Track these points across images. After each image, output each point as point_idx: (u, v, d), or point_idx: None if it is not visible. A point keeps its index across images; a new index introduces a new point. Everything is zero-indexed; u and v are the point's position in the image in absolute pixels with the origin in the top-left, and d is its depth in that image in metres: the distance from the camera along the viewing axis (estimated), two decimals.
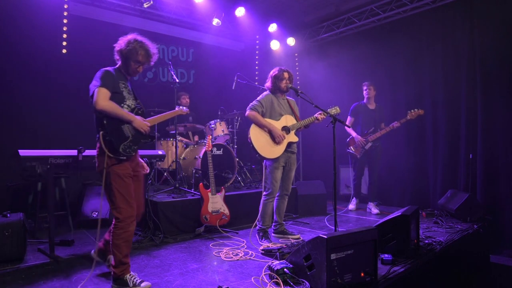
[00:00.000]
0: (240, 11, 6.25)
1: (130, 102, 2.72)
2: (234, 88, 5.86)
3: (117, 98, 2.62)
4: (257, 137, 3.76)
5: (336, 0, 6.43)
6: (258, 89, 5.85)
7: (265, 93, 3.98)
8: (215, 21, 6.18)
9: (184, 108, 3.31)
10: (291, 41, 7.23)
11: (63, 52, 5.22)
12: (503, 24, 4.84)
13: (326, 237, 2.32)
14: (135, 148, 2.69)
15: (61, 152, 3.37)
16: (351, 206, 5.56)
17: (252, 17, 6.53)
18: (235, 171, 5.43)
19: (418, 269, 2.98)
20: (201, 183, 4.34)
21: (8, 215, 3.37)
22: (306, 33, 7.40)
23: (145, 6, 5.61)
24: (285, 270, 2.59)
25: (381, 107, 5.45)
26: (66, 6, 5.19)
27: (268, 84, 3.96)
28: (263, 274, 2.82)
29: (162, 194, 4.59)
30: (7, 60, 4.86)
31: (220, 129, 5.61)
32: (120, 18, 5.95)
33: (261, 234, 3.87)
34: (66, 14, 5.22)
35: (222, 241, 3.93)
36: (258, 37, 7.52)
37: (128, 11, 5.95)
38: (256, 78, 7.43)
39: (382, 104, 5.56)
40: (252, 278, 2.78)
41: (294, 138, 3.90)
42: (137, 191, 2.80)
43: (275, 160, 3.79)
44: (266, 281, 2.70)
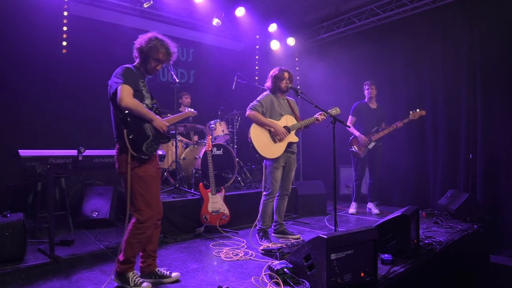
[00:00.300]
0: (240, 11, 6.25)
1: (148, 101, 2.69)
2: (234, 88, 5.86)
3: (137, 97, 2.57)
4: (257, 137, 3.76)
5: (336, 0, 6.43)
6: (258, 89, 5.85)
7: (265, 93, 3.98)
8: (215, 21, 6.18)
9: (192, 110, 3.32)
10: (291, 41, 7.23)
11: (63, 52, 5.22)
12: (503, 24, 4.84)
13: (326, 237, 2.32)
14: (156, 147, 2.66)
15: (61, 152, 3.37)
16: (352, 210, 5.36)
17: (252, 17, 6.53)
18: (235, 171, 5.43)
19: (418, 269, 2.98)
20: (201, 183, 4.34)
21: (8, 215, 3.37)
22: (306, 33, 7.40)
23: (145, 6, 5.61)
24: (285, 270, 2.58)
25: (382, 107, 5.42)
26: (66, 6, 5.20)
27: (268, 84, 3.96)
28: (263, 274, 2.82)
29: (162, 194, 4.59)
30: (7, 60, 4.86)
31: (220, 129, 5.61)
32: (120, 18, 5.96)
33: (261, 234, 3.87)
34: (66, 14, 5.22)
35: (222, 241, 3.93)
36: (258, 37, 7.52)
37: (128, 11, 5.96)
38: (256, 78, 7.43)
39: (382, 104, 5.55)
40: (252, 278, 2.78)
41: (294, 138, 3.90)
42: (156, 193, 2.76)
43: (275, 160, 3.79)
44: (266, 281, 2.70)
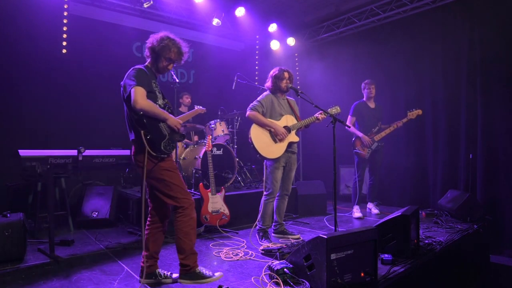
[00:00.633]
0: (240, 11, 6.25)
1: (160, 102, 2.70)
2: (234, 88, 5.86)
3: (150, 98, 2.59)
4: (257, 137, 3.76)
5: (336, 0, 6.43)
6: (258, 89, 5.85)
7: (265, 93, 3.97)
8: (215, 21, 6.18)
9: (201, 107, 3.33)
10: (291, 41, 7.23)
11: (63, 52, 5.22)
12: (503, 24, 4.84)
13: (326, 237, 2.32)
14: (174, 145, 2.69)
15: (61, 152, 3.37)
16: (358, 214, 5.02)
17: (252, 17, 6.53)
18: (235, 171, 5.43)
19: (418, 269, 2.98)
20: (201, 183, 4.34)
21: (8, 215, 3.37)
22: (306, 33, 7.40)
23: (145, 6, 5.61)
24: (285, 270, 2.58)
25: (380, 106, 5.34)
26: (66, 6, 5.20)
27: (268, 84, 3.96)
28: (263, 274, 2.81)
29: None
30: (7, 60, 4.86)
31: (220, 129, 5.61)
32: (120, 18, 5.96)
33: (261, 234, 3.87)
34: (66, 14, 5.22)
35: (222, 241, 3.93)
36: (258, 37, 7.52)
37: (128, 11, 5.96)
38: (256, 78, 7.43)
39: (382, 104, 5.54)
40: (252, 278, 2.78)
41: (295, 138, 3.90)
42: (182, 179, 2.79)
43: (276, 160, 3.79)
44: (266, 281, 2.70)
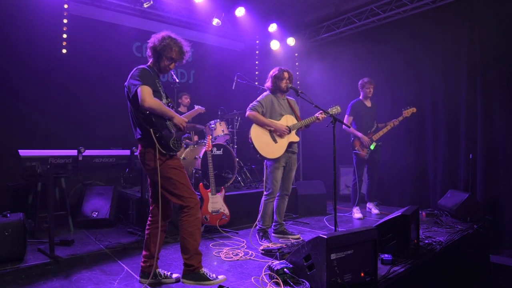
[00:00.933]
0: (240, 11, 6.24)
1: (164, 101, 2.72)
2: (234, 88, 5.86)
3: (155, 97, 2.60)
4: (258, 137, 3.76)
5: (336, 0, 6.43)
6: (258, 89, 5.85)
7: (265, 93, 3.97)
8: (215, 21, 6.18)
9: (201, 107, 3.34)
10: (291, 41, 7.23)
11: (63, 52, 5.22)
12: (503, 24, 4.84)
13: (326, 237, 2.32)
14: (181, 143, 2.72)
15: (61, 152, 3.37)
16: (358, 215, 4.99)
17: (252, 17, 6.53)
18: (235, 171, 5.43)
19: (418, 269, 2.98)
20: (201, 183, 4.34)
21: (8, 215, 3.37)
22: (306, 33, 7.40)
23: (145, 6, 5.61)
24: (285, 270, 2.58)
25: (376, 105, 5.26)
26: (66, 6, 5.19)
27: (268, 84, 3.96)
28: (263, 274, 2.81)
29: None
30: (7, 60, 4.86)
31: (220, 129, 5.61)
32: (120, 18, 5.96)
33: (261, 234, 3.87)
34: (66, 14, 5.21)
35: (222, 241, 3.93)
36: (258, 37, 7.52)
37: (128, 11, 5.95)
38: (256, 78, 7.43)
39: (382, 104, 5.53)
40: (252, 278, 2.78)
41: (295, 138, 3.90)
42: (188, 179, 2.81)
43: (276, 160, 3.79)
44: (266, 281, 2.70)
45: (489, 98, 4.99)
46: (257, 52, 7.69)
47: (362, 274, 2.50)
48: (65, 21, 5.22)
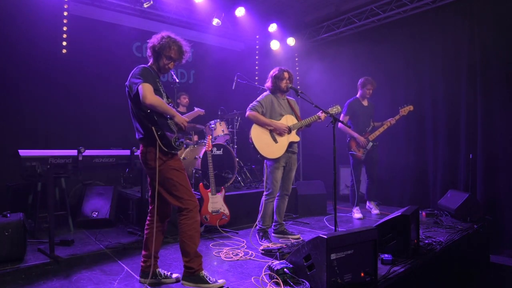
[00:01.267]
0: (240, 11, 6.24)
1: (165, 100, 2.71)
2: (234, 88, 5.86)
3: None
4: (258, 137, 3.76)
5: (336, 0, 6.43)
6: (258, 89, 5.85)
7: (265, 93, 3.97)
8: (215, 21, 6.18)
9: (200, 109, 3.35)
10: (291, 41, 7.23)
11: (63, 52, 5.22)
12: (503, 24, 4.84)
13: (326, 237, 2.32)
14: (183, 142, 2.71)
15: (61, 152, 3.37)
16: (358, 215, 4.98)
17: (252, 17, 6.53)
18: (235, 171, 5.43)
19: (418, 269, 2.98)
20: (201, 183, 4.34)
21: (8, 215, 3.37)
22: (306, 33, 7.40)
23: (145, 6, 5.61)
24: (285, 270, 2.59)
25: (372, 104, 5.23)
26: (66, 6, 5.19)
27: (268, 84, 3.96)
28: (263, 274, 2.82)
29: None
30: (7, 60, 4.86)
31: (220, 129, 5.61)
32: (120, 18, 5.96)
33: (261, 234, 3.87)
34: (66, 14, 5.22)
35: (222, 241, 3.93)
36: (258, 37, 7.52)
37: (128, 11, 5.95)
38: (256, 78, 7.43)
39: (382, 104, 5.52)
40: (252, 278, 2.78)
41: (296, 138, 3.90)
42: (188, 181, 2.80)
43: (276, 160, 3.79)
44: (266, 281, 2.70)
45: (489, 98, 4.98)
46: (257, 52, 7.69)
47: (362, 274, 2.51)
48: (65, 21, 5.22)
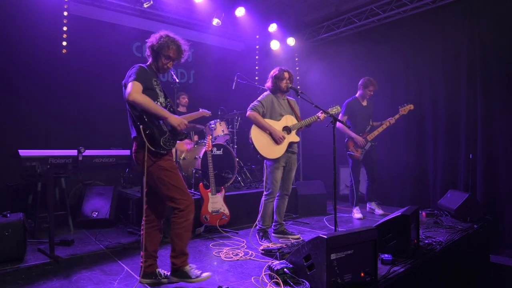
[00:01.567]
0: (240, 11, 6.25)
1: (162, 100, 2.71)
2: (234, 88, 5.86)
3: (150, 95, 2.59)
4: (258, 137, 3.76)
5: (336, 0, 6.43)
6: (258, 89, 5.85)
7: (265, 93, 3.97)
8: (215, 21, 6.18)
9: (206, 111, 3.36)
10: (291, 41, 7.23)
11: (63, 52, 5.22)
12: (503, 24, 4.84)
13: (326, 237, 2.32)
14: (174, 143, 2.69)
15: (61, 152, 3.37)
16: (358, 215, 4.98)
17: (252, 17, 6.53)
18: (235, 171, 5.43)
19: (418, 269, 2.98)
20: (201, 183, 4.34)
21: (8, 215, 3.37)
22: (306, 33, 7.40)
23: (145, 6, 5.61)
24: (285, 270, 2.58)
25: (372, 104, 5.20)
26: (66, 6, 5.20)
27: (268, 84, 3.96)
28: (263, 274, 2.81)
29: None
30: (7, 60, 4.86)
31: (220, 129, 5.61)
32: (120, 18, 5.96)
33: (261, 234, 3.87)
34: (66, 14, 5.22)
35: (222, 241, 3.93)
36: (258, 37, 7.52)
37: (128, 11, 5.96)
38: (256, 78, 7.43)
39: (381, 104, 5.51)
40: (252, 278, 2.78)
41: (295, 138, 3.90)
42: (181, 180, 2.78)
43: (276, 160, 3.79)
44: (266, 281, 2.70)
45: (489, 98, 4.98)
46: (257, 52, 7.69)
47: (362, 274, 2.50)
48: (65, 21, 5.22)
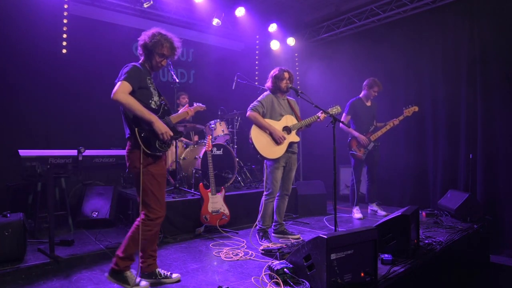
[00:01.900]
0: (240, 11, 6.24)
1: (156, 98, 2.69)
2: (234, 88, 5.86)
3: (145, 94, 2.57)
4: (258, 137, 3.76)
5: (336, 0, 6.43)
6: (258, 89, 5.85)
7: (265, 93, 3.97)
8: (215, 21, 6.18)
9: (200, 104, 3.34)
10: (291, 41, 7.23)
11: (63, 52, 5.22)
12: (503, 24, 4.84)
13: (326, 237, 2.32)
14: (170, 144, 2.68)
15: (61, 152, 3.37)
16: (358, 215, 4.98)
17: (252, 17, 6.53)
18: (235, 171, 5.43)
19: (418, 269, 2.98)
20: (201, 183, 4.34)
21: (8, 215, 3.37)
22: (306, 33, 7.40)
23: (145, 6, 5.61)
24: (285, 270, 2.58)
25: (375, 104, 5.20)
26: (66, 6, 5.19)
27: (268, 84, 3.96)
28: (263, 274, 2.81)
29: None
30: (7, 60, 4.86)
31: (220, 129, 5.61)
32: (120, 18, 5.95)
33: (261, 234, 3.87)
34: (66, 14, 5.22)
35: (222, 241, 3.93)
36: (258, 37, 7.52)
37: (128, 11, 5.95)
38: (256, 78, 7.43)
39: (382, 104, 5.51)
40: (252, 278, 2.78)
41: (295, 138, 3.90)
42: (164, 192, 2.78)
43: (276, 160, 3.79)
44: (266, 281, 2.70)
45: (489, 98, 4.98)
46: (257, 52, 7.69)
47: (362, 274, 2.50)
48: (65, 21, 5.22)
